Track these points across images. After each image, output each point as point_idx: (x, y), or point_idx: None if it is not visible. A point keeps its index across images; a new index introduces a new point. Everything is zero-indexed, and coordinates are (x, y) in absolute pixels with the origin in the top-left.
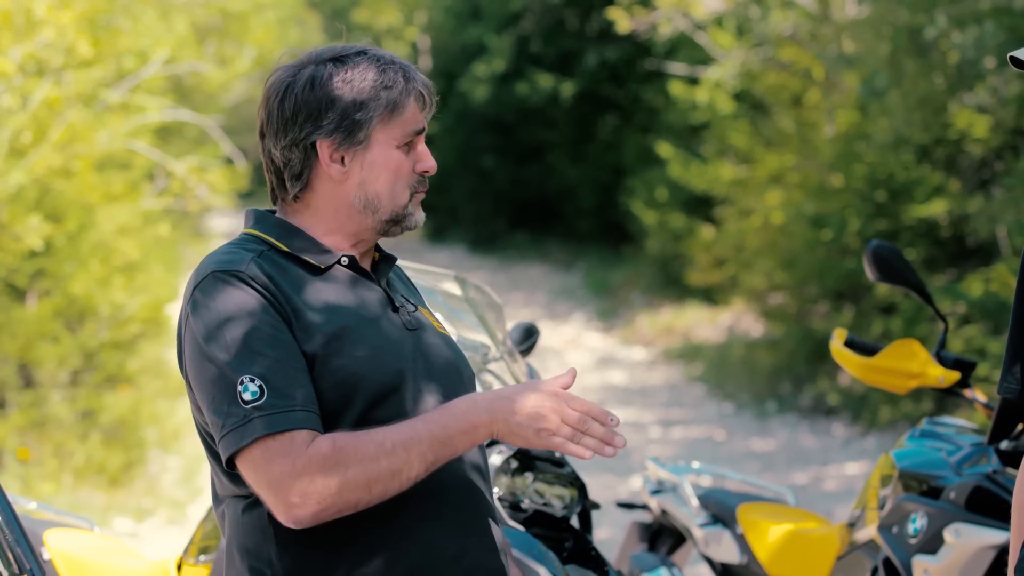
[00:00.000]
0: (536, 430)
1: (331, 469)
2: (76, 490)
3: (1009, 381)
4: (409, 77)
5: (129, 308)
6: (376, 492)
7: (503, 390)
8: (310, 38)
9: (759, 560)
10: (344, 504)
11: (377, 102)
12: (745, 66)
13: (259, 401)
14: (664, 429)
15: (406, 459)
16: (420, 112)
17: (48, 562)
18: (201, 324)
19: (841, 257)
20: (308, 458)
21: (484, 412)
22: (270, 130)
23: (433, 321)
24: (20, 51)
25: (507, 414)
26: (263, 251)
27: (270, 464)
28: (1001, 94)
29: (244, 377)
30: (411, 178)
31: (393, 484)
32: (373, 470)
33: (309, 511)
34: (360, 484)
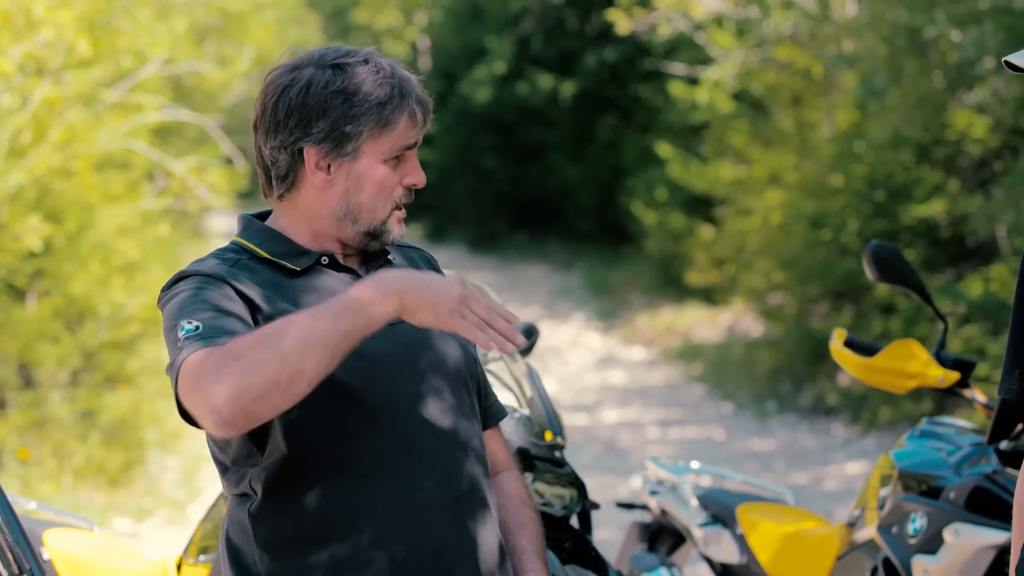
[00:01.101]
0: (447, 310)
1: (240, 355)
2: (76, 490)
3: (1010, 382)
4: (405, 94)
5: (129, 308)
6: (292, 366)
7: (410, 272)
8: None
9: (759, 560)
10: (263, 384)
11: (369, 117)
12: (745, 66)
13: (194, 333)
14: (663, 429)
15: (311, 329)
16: (412, 128)
17: (48, 562)
18: (167, 310)
19: (841, 257)
20: (218, 351)
21: (392, 288)
22: (262, 127)
23: None
24: (19, 51)
25: (412, 299)
26: (239, 260)
27: (194, 374)
28: (1000, 94)
29: (183, 321)
30: (396, 192)
31: (309, 357)
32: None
33: (225, 400)
34: (272, 359)
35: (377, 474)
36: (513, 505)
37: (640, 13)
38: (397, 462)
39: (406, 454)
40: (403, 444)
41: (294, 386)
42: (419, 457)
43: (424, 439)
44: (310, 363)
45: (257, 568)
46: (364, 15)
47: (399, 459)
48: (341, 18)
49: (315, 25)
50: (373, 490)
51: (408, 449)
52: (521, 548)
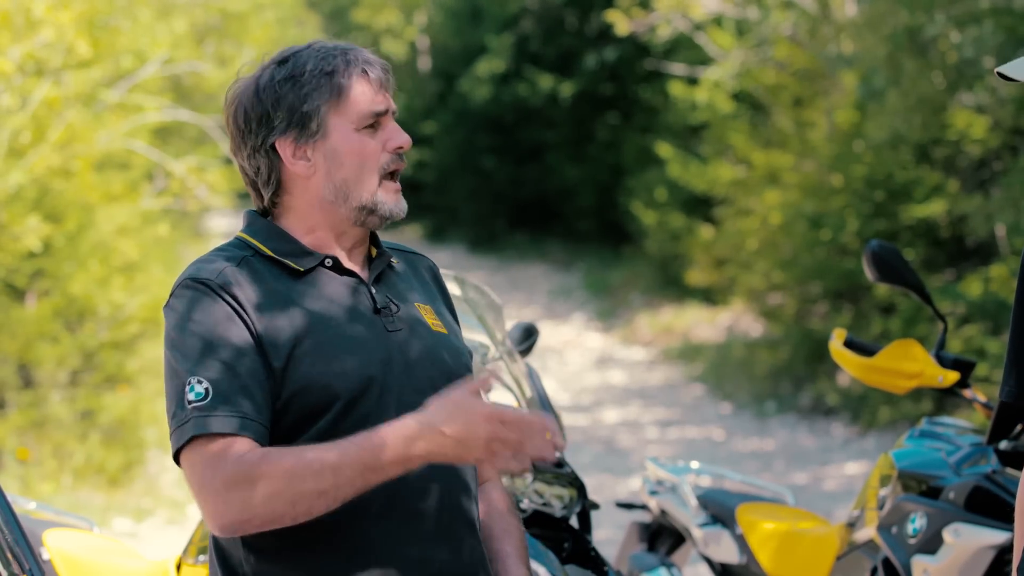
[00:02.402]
0: (475, 459)
1: (256, 482)
2: (75, 490)
3: (1010, 384)
4: (350, 58)
5: (128, 308)
6: (300, 510)
7: (435, 414)
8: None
9: (758, 560)
10: (267, 517)
11: (321, 90)
12: (744, 66)
13: (202, 402)
14: (663, 429)
15: (334, 483)
16: (373, 91)
17: (47, 562)
18: (168, 329)
19: (840, 257)
20: (236, 467)
21: (418, 441)
22: (235, 145)
23: (430, 319)
24: (19, 51)
25: (442, 447)
26: (244, 257)
27: (202, 467)
28: (1000, 94)
29: (192, 379)
30: (380, 158)
31: (319, 503)
32: (298, 488)
33: (230, 520)
34: (284, 500)
35: None
36: (498, 513)
37: (639, 14)
38: None
39: None
40: None
41: (298, 520)
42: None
43: None
44: (319, 508)
45: (244, 570)
46: (364, 15)
47: None
48: (341, 18)
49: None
50: (362, 497)
51: None
52: (506, 554)
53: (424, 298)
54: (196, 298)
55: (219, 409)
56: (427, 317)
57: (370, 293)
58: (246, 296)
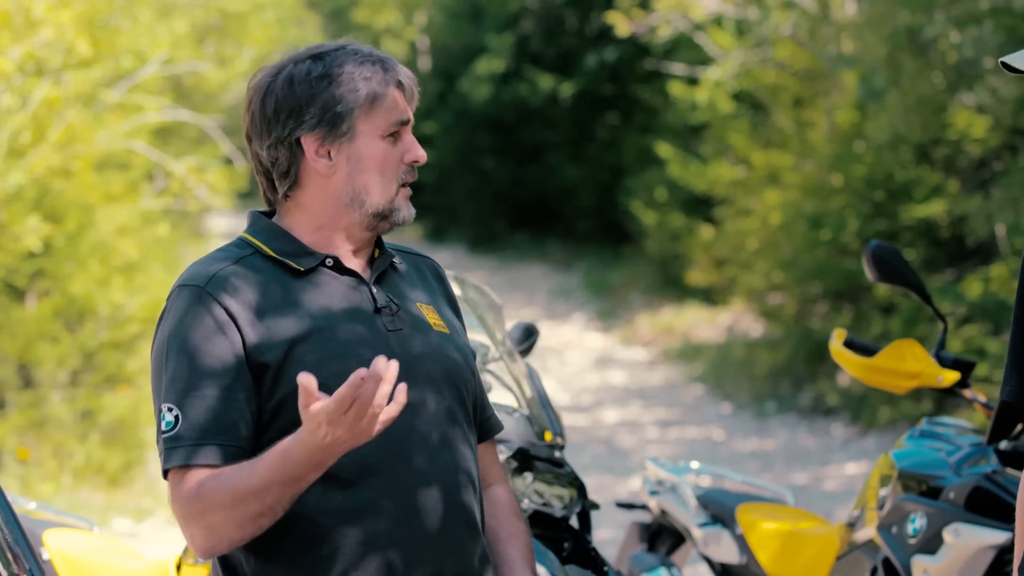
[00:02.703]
0: (342, 442)
1: (203, 514)
2: (75, 490)
3: (1011, 385)
4: (388, 68)
5: (128, 308)
6: (250, 531)
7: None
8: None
9: (758, 560)
10: (229, 541)
11: (357, 93)
12: (744, 66)
13: (170, 432)
14: (663, 429)
15: (263, 503)
16: (402, 102)
17: (47, 562)
18: (157, 339)
19: (840, 257)
20: (185, 503)
21: (316, 450)
22: (255, 132)
23: (432, 319)
24: (19, 50)
25: (317, 449)
26: (244, 256)
27: (175, 498)
28: (1000, 94)
29: (164, 405)
30: (399, 169)
31: (264, 521)
32: (237, 515)
33: (199, 546)
34: (232, 525)
35: (366, 481)
36: (504, 515)
37: (639, 15)
38: (387, 469)
39: (396, 462)
40: (394, 452)
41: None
42: (409, 465)
43: (415, 448)
44: (267, 524)
45: (244, 570)
46: (364, 15)
47: (389, 466)
48: (341, 18)
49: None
50: (361, 497)
51: (399, 457)
52: (512, 558)
53: (427, 298)
54: (185, 309)
55: (183, 438)
56: (429, 317)
57: (370, 292)
58: (241, 298)
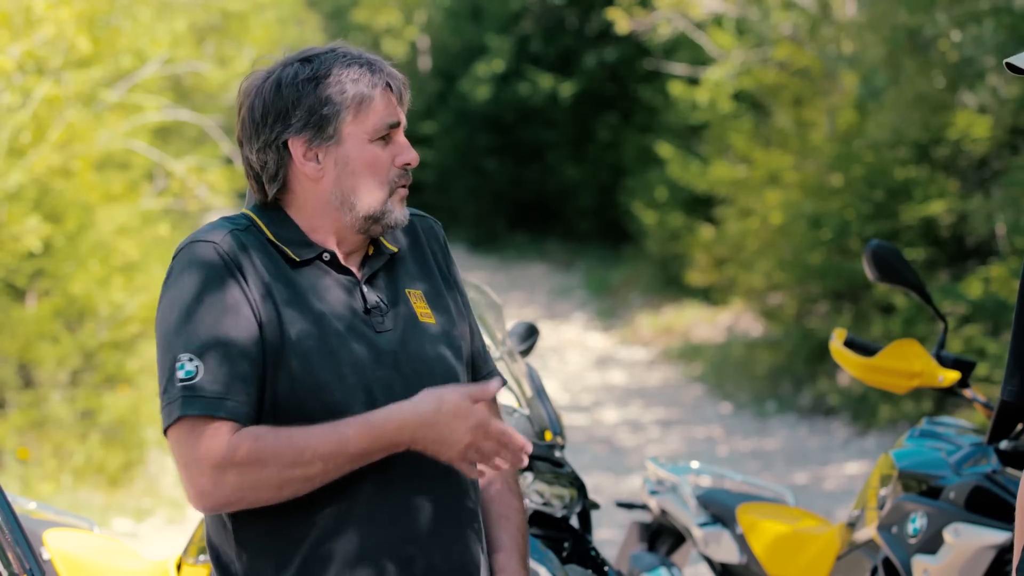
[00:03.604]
0: (448, 459)
1: (247, 467)
2: (76, 490)
3: (1012, 384)
4: (376, 70)
5: (128, 308)
6: (286, 493)
7: (427, 411)
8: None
9: (758, 560)
10: (252, 501)
11: (344, 95)
12: (745, 66)
13: (192, 381)
14: (663, 429)
15: (323, 469)
16: (391, 105)
17: (48, 562)
18: (165, 295)
19: (841, 257)
20: (227, 451)
21: (408, 435)
22: (244, 135)
23: (420, 309)
24: (19, 49)
25: (428, 444)
26: (248, 226)
27: (190, 447)
28: (1000, 94)
29: (183, 355)
30: (390, 172)
31: (304, 487)
32: (287, 475)
33: (215, 502)
34: (272, 485)
35: (359, 479)
36: (496, 489)
37: (640, 13)
38: (380, 467)
39: (390, 460)
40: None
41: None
42: (403, 464)
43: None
44: (304, 491)
45: (235, 568)
46: (364, 15)
47: (383, 464)
48: (341, 18)
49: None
50: (355, 495)
51: (392, 456)
52: (501, 544)
53: (420, 278)
54: (198, 261)
55: (207, 389)
56: (418, 309)
57: (361, 292)
58: (248, 262)
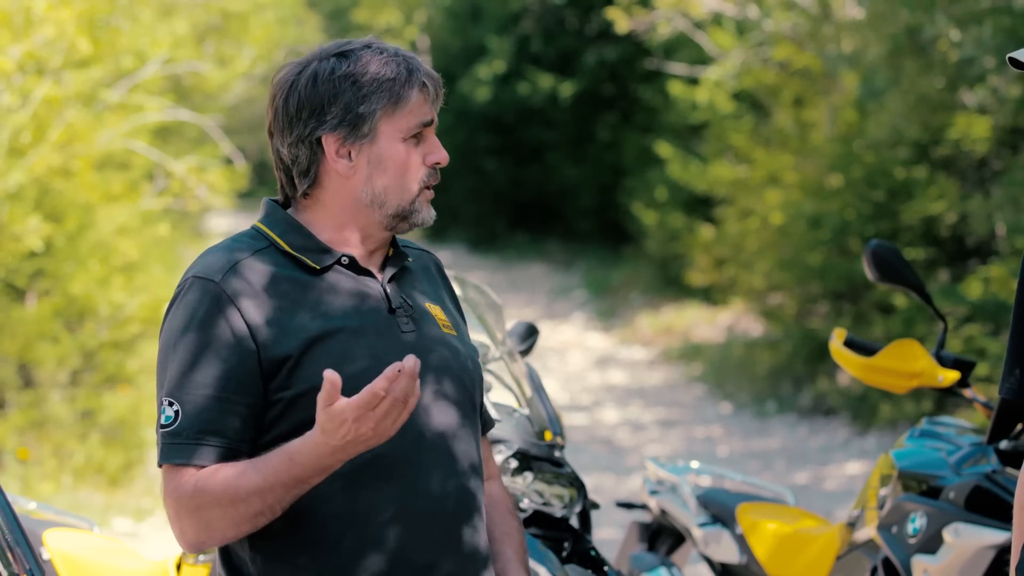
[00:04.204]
0: (365, 441)
1: (198, 511)
2: (76, 490)
3: (1010, 382)
4: (412, 68)
5: (129, 308)
6: (245, 529)
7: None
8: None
9: (758, 560)
10: (220, 539)
11: (380, 94)
12: (745, 66)
13: (170, 428)
14: (663, 429)
15: (264, 503)
16: (426, 104)
17: (48, 562)
18: (163, 331)
19: (841, 257)
20: (180, 498)
21: (327, 453)
22: (276, 128)
23: (440, 319)
24: (19, 49)
25: (329, 452)
26: (260, 249)
27: (164, 493)
28: (1000, 94)
29: (165, 400)
30: (420, 171)
31: (260, 520)
32: (234, 514)
33: (188, 542)
34: (228, 524)
35: (375, 482)
36: (499, 513)
37: (640, 12)
38: (397, 471)
39: (406, 463)
40: (404, 453)
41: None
42: (419, 467)
43: (426, 450)
44: (263, 523)
45: (249, 570)
46: (364, 15)
47: (399, 468)
48: (341, 18)
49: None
50: (369, 498)
51: (409, 459)
52: (507, 556)
53: (433, 297)
54: (197, 305)
55: (182, 434)
56: (438, 317)
57: (385, 293)
58: (256, 296)
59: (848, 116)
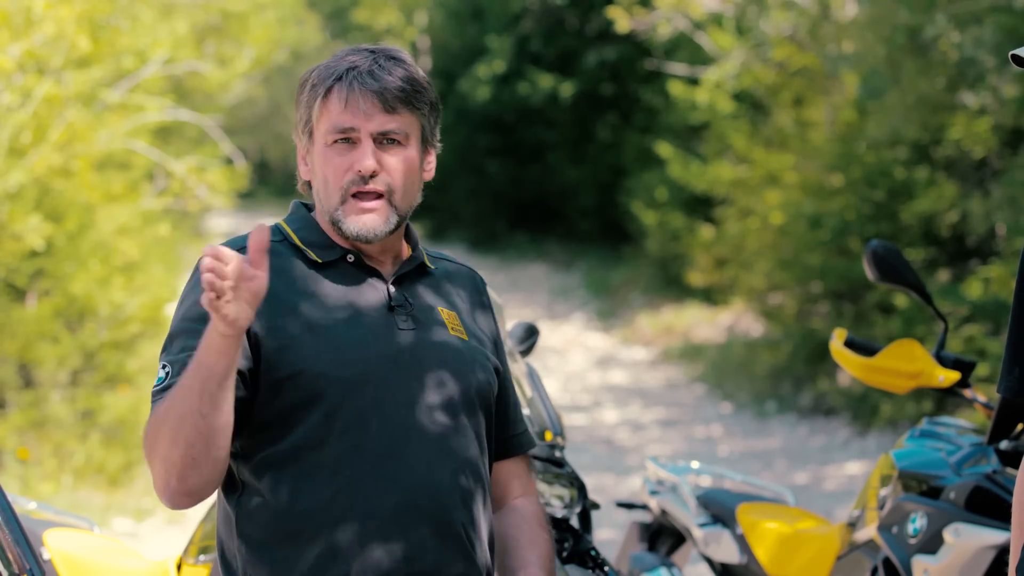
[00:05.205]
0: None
1: (154, 441)
2: (76, 490)
3: (1009, 381)
4: (341, 74)
5: (129, 308)
6: (181, 442)
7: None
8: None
9: (759, 560)
10: (180, 469)
11: (314, 99)
12: (745, 66)
13: (159, 387)
14: (664, 429)
15: (182, 399)
16: (346, 111)
17: (48, 562)
18: (181, 296)
19: (841, 257)
20: (145, 436)
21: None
22: None
23: (450, 324)
24: (19, 48)
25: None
26: (274, 241)
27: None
28: (1000, 94)
29: (161, 363)
30: (344, 178)
31: (187, 427)
32: (169, 426)
33: (160, 486)
34: (169, 440)
35: (358, 476)
36: (528, 524)
37: (640, 12)
38: (382, 465)
39: (392, 458)
40: (389, 448)
41: (200, 459)
42: (403, 463)
43: (412, 445)
44: (195, 436)
45: (236, 562)
46: (364, 15)
47: (382, 462)
48: (341, 18)
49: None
50: (354, 491)
51: (392, 453)
52: (528, 562)
53: (450, 304)
54: (196, 278)
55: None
56: (448, 322)
57: (388, 291)
58: None
59: (848, 116)
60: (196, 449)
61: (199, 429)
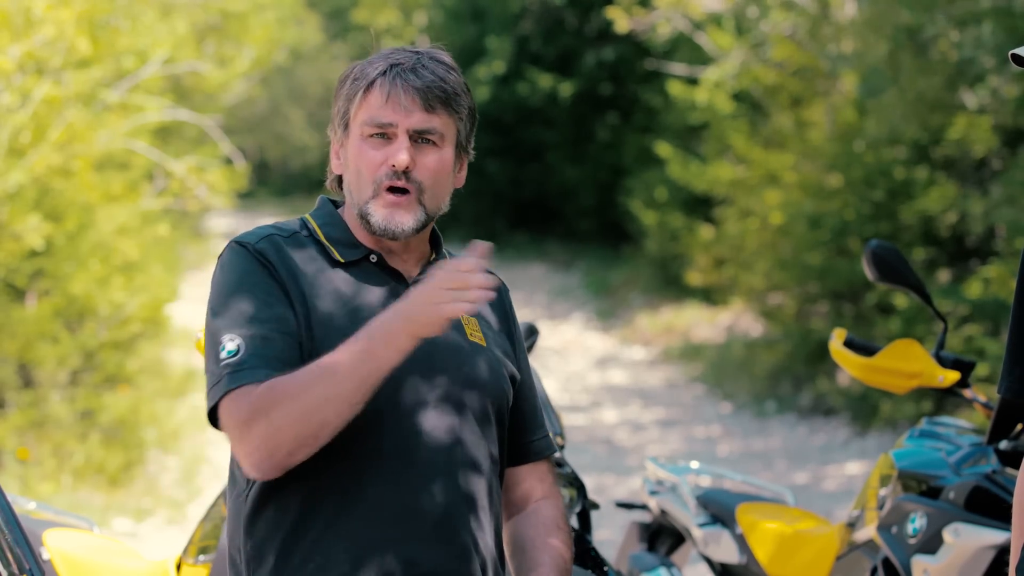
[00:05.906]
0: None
1: (269, 410)
2: (75, 490)
3: (1010, 381)
4: (390, 65)
5: (129, 308)
6: (315, 423)
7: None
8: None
9: (758, 560)
10: (290, 444)
11: (354, 91)
12: (744, 66)
13: (233, 359)
14: (663, 429)
15: (334, 383)
16: (387, 106)
17: (47, 562)
18: (212, 288)
19: (841, 257)
20: (249, 403)
21: (397, 317)
22: None
23: (469, 329)
24: (19, 49)
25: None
26: (295, 232)
27: (230, 418)
28: (1000, 94)
29: (225, 337)
30: (377, 172)
31: (329, 411)
32: (305, 402)
33: (258, 459)
34: (296, 418)
35: (366, 477)
36: (546, 528)
37: (639, 12)
38: (389, 468)
39: (400, 461)
40: (399, 451)
41: (321, 437)
42: (412, 466)
43: (420, 448)
44: (332, 417)
45: (240, 556)
46: (364, 15)
47: (392, 465)
48: (341, 18)
49: (314, 25)
50: (358, 492)
51: (402, 456)
52: (541, 563)
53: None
54: (234, 259)
55: (247, 363)
56: (466, 326)
57: None
58: (282, 265)
59: (847, 116)
60: (326, 431)
61: (341, 415)
